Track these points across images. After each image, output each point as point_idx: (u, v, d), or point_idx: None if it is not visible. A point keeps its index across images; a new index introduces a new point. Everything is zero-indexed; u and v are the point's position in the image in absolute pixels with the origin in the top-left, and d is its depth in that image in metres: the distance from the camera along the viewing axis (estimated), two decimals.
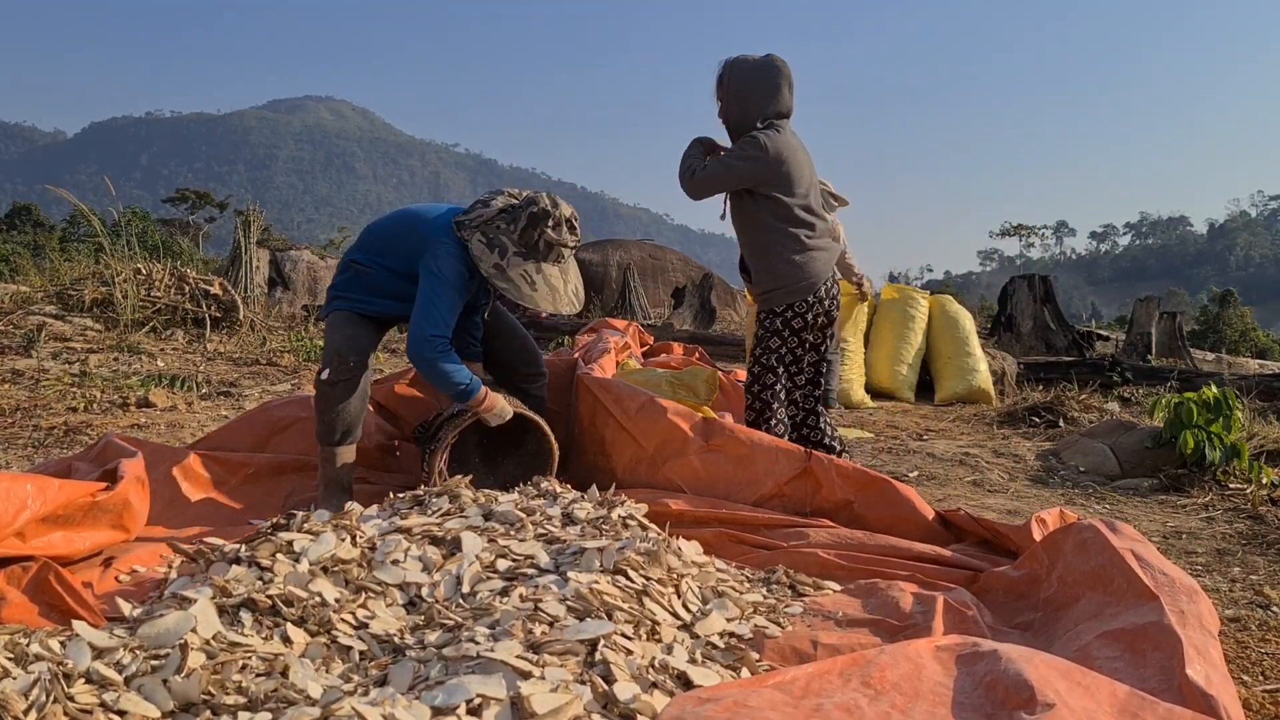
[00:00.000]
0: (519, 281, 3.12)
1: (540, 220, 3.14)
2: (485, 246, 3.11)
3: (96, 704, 1.60)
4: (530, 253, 3.15)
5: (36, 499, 2.25)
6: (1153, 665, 1.64)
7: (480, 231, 3.13)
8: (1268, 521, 3.63)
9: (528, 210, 3.14)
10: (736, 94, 3.58)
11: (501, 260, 3.11)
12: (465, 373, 3.10)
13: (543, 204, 3.16)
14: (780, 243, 3.59)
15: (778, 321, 3.65)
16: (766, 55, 3.64)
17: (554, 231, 3.17)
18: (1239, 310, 33.96)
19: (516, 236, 3.13)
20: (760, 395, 3.70)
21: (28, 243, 26.09)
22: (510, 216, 3.15)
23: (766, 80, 3.58)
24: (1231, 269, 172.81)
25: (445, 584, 2.21)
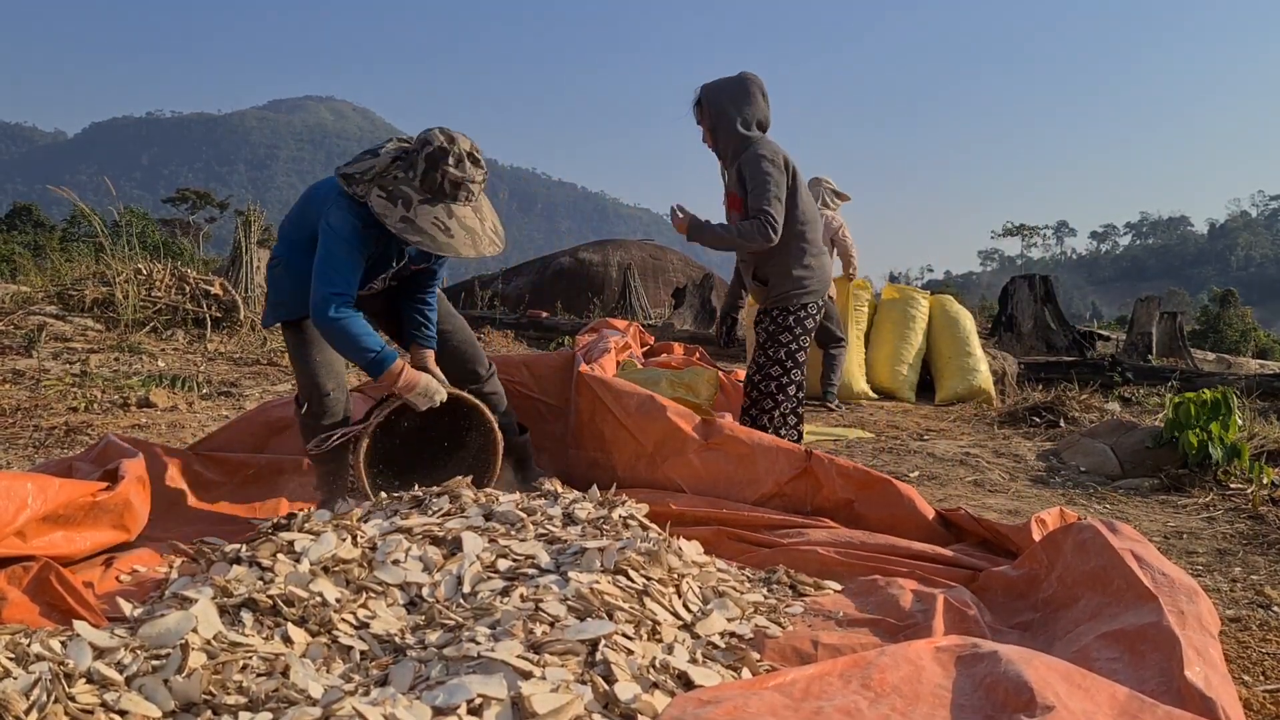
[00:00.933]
0: (432, 231, 2.80)
1: (440, 159, 2.82)
2: (386, 200, 2.80)
3: (97, 704, 1.60)
4: (436, 196, 2.84)
5: (37, 498, 2.25)
6: (1152, 667, 1.64)
7: (376, 186, 2.82)
8: (1268, 521, 3.62)
9: (424, 152, 2.83)
10: (718, 114, 3.71)
11: (408, 212, 2.79)
12: (376, 339, 2.85)
13: (438, 141, 2.83)
14: (797, 247, 3.75)
15: (790, 319, 3.78)
16: (742, 73, 3.78)
17: (457, 169, 2.84)
18: (1239, 310, 33.95)
19: (418, 183, 2.82)
20: (768, 391, 3.79)
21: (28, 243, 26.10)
22: (406, 163, 2.85)
23: (744, 94, 3.71)
24: (1232, 269, 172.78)
25: (446, 584, 2.21)
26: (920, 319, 8.08)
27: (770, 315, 3.83)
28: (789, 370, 3.83)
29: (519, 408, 3.94)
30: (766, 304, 3.85)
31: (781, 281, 3.77)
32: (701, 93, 3.78)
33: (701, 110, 3.78)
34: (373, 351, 2.82)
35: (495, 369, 3.45)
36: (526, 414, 3.94)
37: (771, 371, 3.82)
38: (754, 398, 3.86)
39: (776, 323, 3.81)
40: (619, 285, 17.82)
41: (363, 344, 2.81)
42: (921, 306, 8.16)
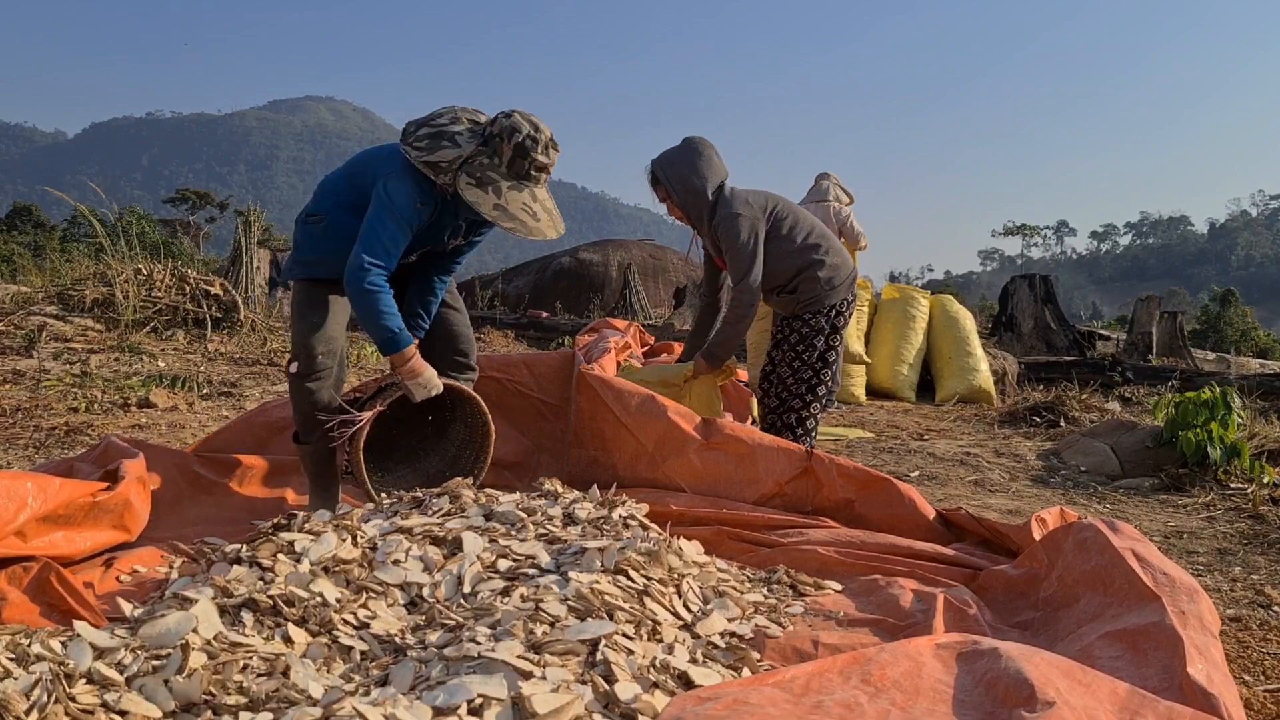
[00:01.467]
0: (523, 217, 2.86)
1: (530, 148, 2.86)
2: (478, 188, 2.84)
3: (98, 704, 1.60)
4: (521, 182, 2.89)
5: (37, 498, 2.25)
6: (1154, 664, 1.64)
7: (464, 173, 2.86)
8: (1268, 521, 3.63)
9: (511, 140, 2.85)
10: (679, 182, 3.73)
11: (499, 199, 2.84)
12: (399, 319, 2.87)
13: (526, 129, 2.86)
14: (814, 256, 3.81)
15: (823, 320, 3.84)
16: (684, 139, 3.83)
17: (542, 155, 2.90)
18: (1240, 310, 33.93)
19: (504, 169, 2.87)
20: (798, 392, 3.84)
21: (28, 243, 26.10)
22: (491, 149, 2.87)
23: (698, 159, 3.74)
24: (1232, 268, 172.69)
25: (446, 584, 2.21)
26: (920, 319, 8.08)
27: (802, 319, 3.87)
28: (819, 372, 3.86)
29: (518, 407, 3.94)
30: (797, 310, 3.88)
31: (810, 288, 3.81)
32: (656, 168, 3.79)
33: (659, 186, 3.80)
34: (392, 331, 2.84)
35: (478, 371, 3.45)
36: (526, 413, 3.94)
37: (804, 374, 3.85)
38: (783, 398, 3.88)
39: (809, 325, 3.84)
40: (619, 285, 17.82)
41: (385, 320, 2.83)
42: (922, 306, 8.17)
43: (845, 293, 3.89)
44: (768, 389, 3.94)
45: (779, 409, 3.89)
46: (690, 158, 3.74)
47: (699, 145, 3.77)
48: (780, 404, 3.89)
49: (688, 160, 3.74)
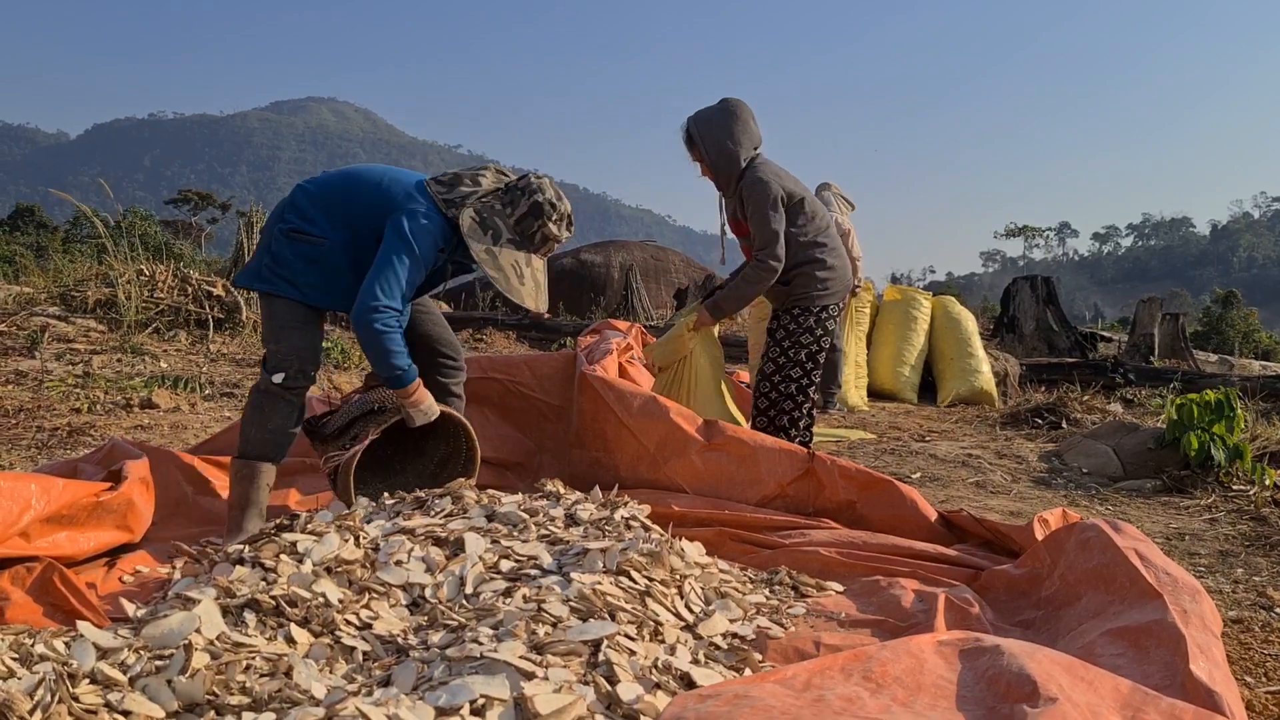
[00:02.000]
0: (509, 271, 2.82)
1: (546, 213, 2.86)
2: (478, 226, 2.80)
3: (101, 704, 1.60)
4: (524, 242, 2.87)
5: (41, 499, 2.26)
6: (1156, 662, 1.64)
7: (473, 209, 2.82)
8: (1271, 523, 3.62)
9: (530, 198, 2.85)
10: (713, 144, 3.72)
11: (494, 245, 2.81)
12: (406, 357, 2.78)
13: (547, 195, 2.87)
14: (816, 253, 3.79)
15: (811, 320, 3.82)
16: (722, 100, 3.80)
17: (555, 226, 2.89)
18: (1242, 311, 33.90)
19: (513, 222, 2.85)
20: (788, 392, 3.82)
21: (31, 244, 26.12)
22: (508, 199, 2.87)
23: (734, 121, 3.73)
24: (1234, 270, 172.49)
25: (448, 585, 2.21)
26: (922, 320, 8.08)
27: (790, 314, 3.85)
28: (810, 372, 3.85)
29: (520, 408, 3.95)
30: (786, 304, 3.86)
31: (805, 283, 3.80)
32: (691, 126, 3.77)
33: (694, 145, 3.78)
34: (401, 369, 2.76)
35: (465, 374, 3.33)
36: (528, 414, 3.95)
37: (792, 373, 3.83)
38: (772, 399, 3.86)
39: (797, 322, 3.82)
40: (621, 286, 17.82)
41: (395, 360, 2.74)
42: (923, 308, 8.17)
43: (837, 299, 3.88)
44: (761, 388, 3.93)
45: (767, 409, 3.88)
46: (727, 120, 3.72)
47: (736, 108, 3.74)
48: (770, 404, 3.88)
49: (724, 122, 3.71)
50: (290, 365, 2.79)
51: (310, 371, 2.85)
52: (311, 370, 2.86)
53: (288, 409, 2.82)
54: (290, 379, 2.79)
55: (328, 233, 2.82)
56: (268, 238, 2.88)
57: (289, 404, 2.82)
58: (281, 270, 2.81)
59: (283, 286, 2.81)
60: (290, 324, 2.82)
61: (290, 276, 2.81)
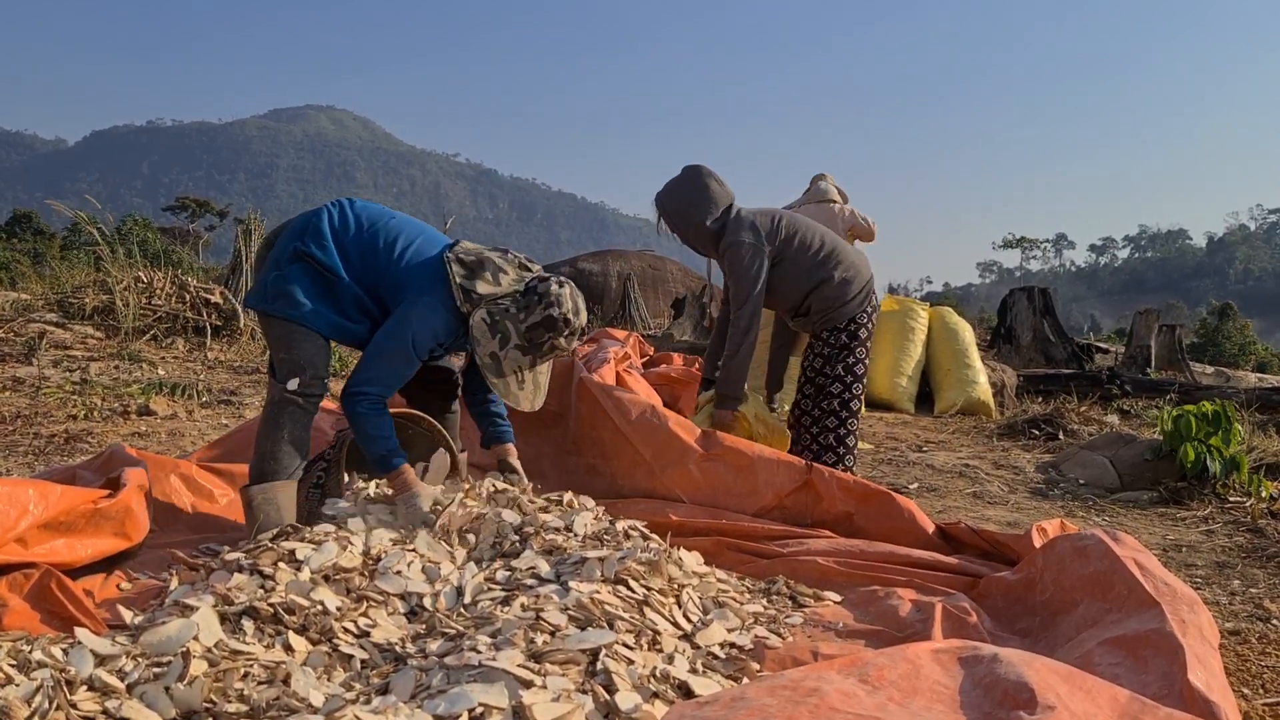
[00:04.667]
0: (509, 378, 2.81)
1: (558, 328, 2.79)
2: (488, 329, 2.75)
3: (99, 711, 1.60)
4: (530, 349, 2.80)
5: (39, 505, 2.26)
6: (1154, 671, 1.64)
7: (486, 310, 2.76)
8: (1267, 535, 3.63)
9: (545, 309, 2.76)
10: (680, 220, 3.76)
11: (500, 351, 2.77)
12: (392, 440, 2.72)
13: (564, 308, 2.78)
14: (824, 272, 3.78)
15: (844, 336, 3.79)
16: (684, 169, 3.83)
17: (564, 340, 2.83)
18: (1238, 323, 33.95)
19: (524, 329, 2.77)
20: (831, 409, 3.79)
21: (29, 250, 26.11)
22: (523, 303, 2.78)
23: (699, 191, 3.75)
24: (1230, 282, 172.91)
25: (446, 593, 2.21)
26: (919, 330, 8.09)
27: (820, 339, 3.83)
28: (850, 386, 3.81)
29: (520, 414, 3.94)
30: (815, 329, 3.85)
31: (822, 305, 3.78)
32: (659, 206, 3.82)
33: (667, 220, 3.83)
34: (383, 452, 2.70)
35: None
36: (528, 420, 3.94)
37: (832, 390, 3.80)
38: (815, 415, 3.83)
39: (830, 344, 3.80)
40: (618, 295, 17.85)
41: (377, 446, 2.70)
42: (920, 318, 8.18)
43: (862, 303, 3.83)
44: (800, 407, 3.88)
45: (812, 426, 3.84)
46: (690, 193, 3.75)
47: (698, 177, 3.77)
48: (814, 421, 3.84)
49: (688, 196, 3.75)
50: (304, 371, 2.75)
51: (323, 378, 2.80)
52: (324, 377, 2.81)
53: (303, 418, 2.77)
54: (305, 384, 2.75)
55: (342, 273, 2.78)
56: (279, 253, 2.83)
57: (304, 412, 2.77)
58: (288, 290, 2.76)
59: (284, 307, 2.76)
60: (298, 335, 2.77)
61: (293, 296, 2.76)
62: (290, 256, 2.78)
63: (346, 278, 2.77)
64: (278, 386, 2.75)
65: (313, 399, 2.77)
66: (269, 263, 2.86)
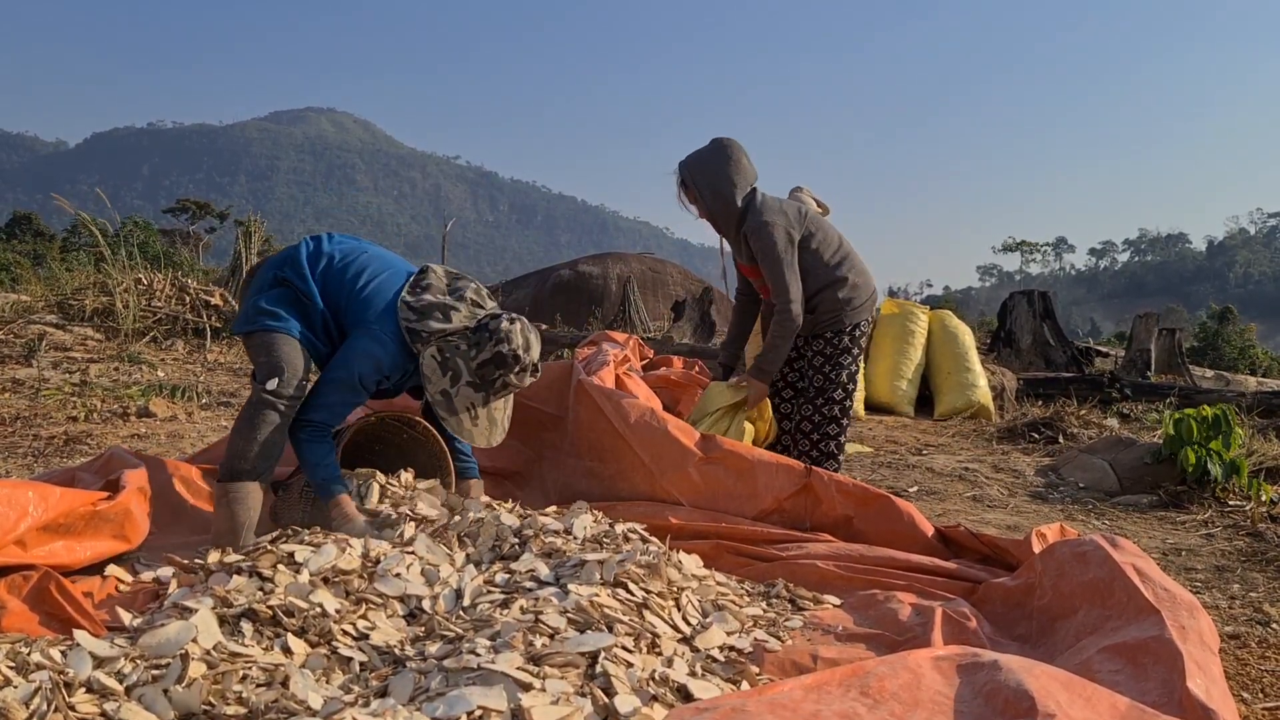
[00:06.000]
0: (462, 415, 2.85)
1: (509, 364, 2.83)
2: (438, 367, 2.81)
3: (97, 713, 1.60)
4: (483, 385, 2.85)
5: (38, 507, 2.25)
6: (1154, 679, 1.64)
7: (436, 347, 2.81)
8: (1267, 539, 3.63)
9: (495, 345, 2.81)
10: (708, 189, 3.67)
11: (451, 388, 2.82)
12: (333, 468, 2.80)
13: (514, 344, 2.82)
14: (836, 274, 3.74)
15: (846, 339, 3.78)
16: (713, 140, 3.74)
17: (516, 377, 2.87)
18: (1238, 327, 33.93)
19: (475, 365, 2.82)
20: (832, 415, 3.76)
21: (29, 252, 26.11)
22: (473, 340, 2.83)
23: (728, 162, 3.67)
24: (1231, 286, 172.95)
25: (445, 596, 2.21)
26: (919, 334, 8.10)
27: (824, 339, 3.78)
28: (850, 393, 3.79)
29: (519, 417, 3.93)
30: (817, 329, 3.79)
31: (830, 306, 3.74)
32: (685, 172, 3.70)
33: (688, 189, 3.72)
34: (321, 480, 2.78)
35: None
36: (527, 423, 3.94)
37: (835, 395, 3.77)
38: (815, 421, 3.78)
39: (833, 345, 3.76)
40: (618, 298, 17.85)
41: (316, 473, 2.79)
42: (920, 321, 8.18)
43: (867, 313, 3.81)
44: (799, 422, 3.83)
45: (813, 433, 3.79)
46: (720, 162, 3.66)
47: (729, 148, 3.68)
48: (814, 428, 3.79)
49: (718, 165, 3.65)
50: (282, 371, 2.78)
51: (303, 382, 2.82)
52: (304, 381, 2.83)
53: (279, 421, 2.78)
54: (283, 384, 2.77)
55: (317, 299, 2.88)
56: (260, 282, 2.94)
57: (281, 416, 2.78)
58: (268, 309, 2.86)
59: (267, 321, 2.85)
60: (277, 342, 2.83)
61: (278, 315, 2.86)
62: (270, 282, 2.91)
63: (320, 304, 2.88)
64: (257, 388, 2.81)
65: (289, 401, 2.79)
66: (251, 291, 2.98)
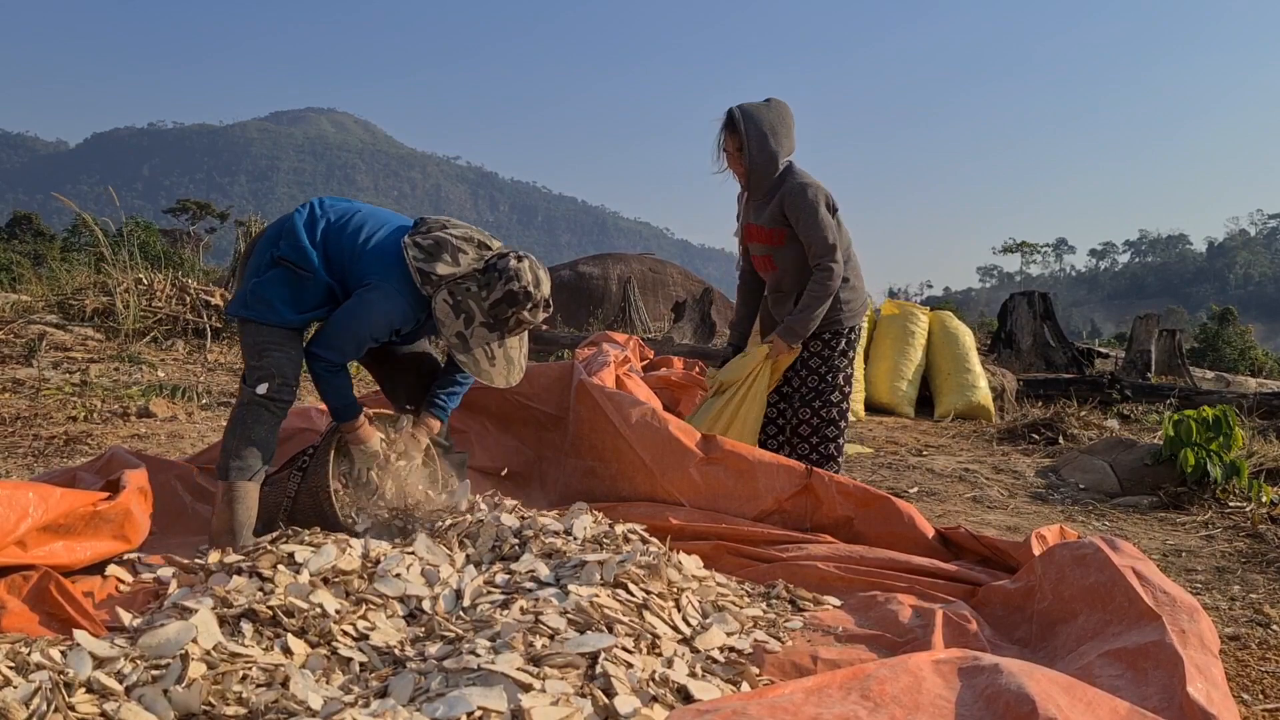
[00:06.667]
0: (479, 355, 2.81)
1: (520, 301, 2.80)
2: (451, 310, 2.77)
3: (97, 713, 1.60)
4: (497, 325, 2.82)
5: (38, 507, 2.25)
6: (1154, 684, 1.64)
7: (447, 290, 2.78)
8: (1267, 540, 3.63)
9: (506, 284, 2.78)
10: (757, 138, 3.56)
11: (466, 330, 2.79)
12: (350, 394, 2.89)
13: (524, 281, 2.79)
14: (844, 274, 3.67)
15: (842, 343, 3.71)
16: (771, 100, 3.65)
17: (529, 313, 2.84)
18: (1238, 328, 33.92)
19: (487, 306, 2.80)
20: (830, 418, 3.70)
21: (29, 252, 26.11)
22: (483, 281, 2.80)
23: (784, 123, 3.61)
24: (1231, 287, 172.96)
25: (445, 596, 2.21)
26: (919, 335, 8.10)
27: (822, 340, 3.71)
28: (847, 396, 3.74)
29: (520, 418, 3.94)
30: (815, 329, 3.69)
31: (832, 306, 3.67)
32: (738, 113, 3.59)
33: (734, 133, 3.61)
34: (338, 405, 2.88)
35: None
36: (528, 424, 3.94)
37: (832, 398, 3.71)
38: (815, 425, 3.71)
39: (830, 347, 3.69)
40: (618, 299, 17.84)
41: (333, 398, 2.87)
42: (921, 322, 8.19)
43: (861, 318, 3.76)
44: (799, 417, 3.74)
45: (811, 437, 3.73)
46: (775, 119, 3.58)
47: (784, 111, 3.61)
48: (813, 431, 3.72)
49: (772, 120, 3.57)
50: (273, 378, 2.79)
51: (293, 385, 2.85)
52: (294, 384, 2.85)
53: (271, 420, 2.81)
54: (274, 390, 2.79)
55: (319, 268, 2.84)
56: (258, 261, 2.90)
57: (272, 415, 2.81)
58: (264, 294, 2.83)
59: (263, 312, 2.83)
60: (270, 342, 2.83)
61: (271, 302, 2.83)
62: (268, 263, 2.86)
63: (322, 272, 2.84)
64: (247, 390, 2.81)
65: (280, 403, 2.82)
66: (248, 271, 2.94)
